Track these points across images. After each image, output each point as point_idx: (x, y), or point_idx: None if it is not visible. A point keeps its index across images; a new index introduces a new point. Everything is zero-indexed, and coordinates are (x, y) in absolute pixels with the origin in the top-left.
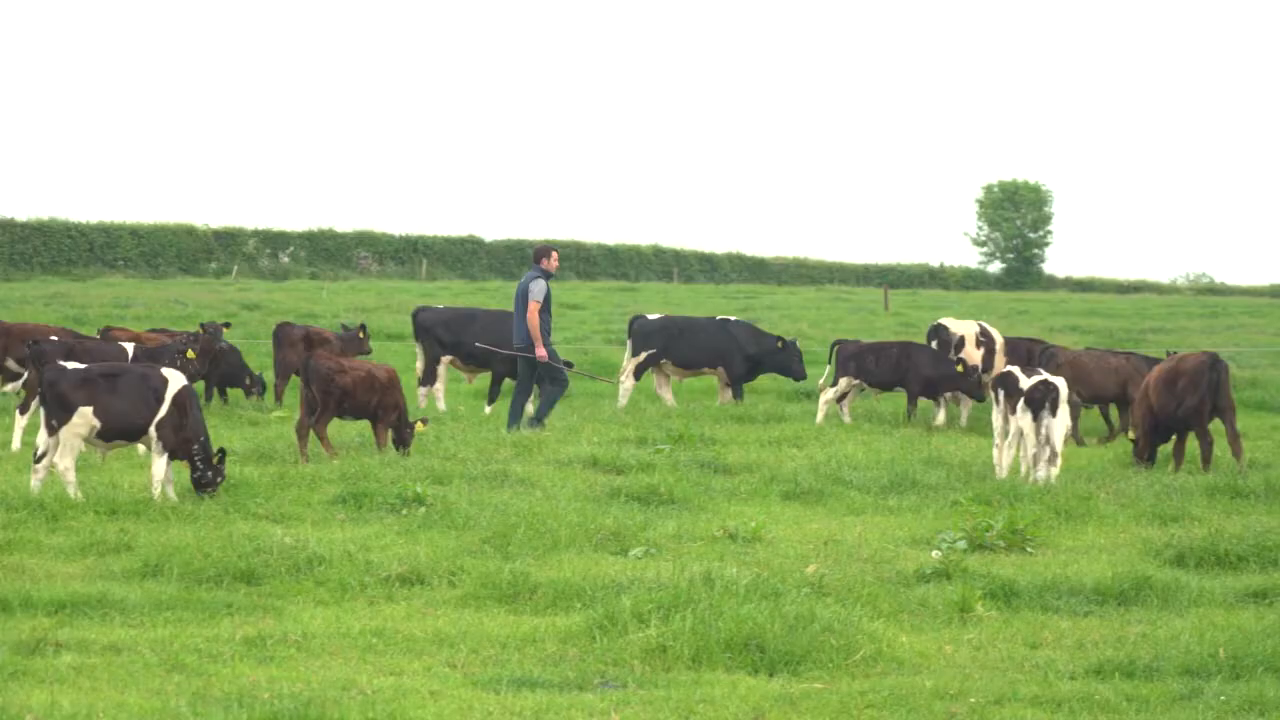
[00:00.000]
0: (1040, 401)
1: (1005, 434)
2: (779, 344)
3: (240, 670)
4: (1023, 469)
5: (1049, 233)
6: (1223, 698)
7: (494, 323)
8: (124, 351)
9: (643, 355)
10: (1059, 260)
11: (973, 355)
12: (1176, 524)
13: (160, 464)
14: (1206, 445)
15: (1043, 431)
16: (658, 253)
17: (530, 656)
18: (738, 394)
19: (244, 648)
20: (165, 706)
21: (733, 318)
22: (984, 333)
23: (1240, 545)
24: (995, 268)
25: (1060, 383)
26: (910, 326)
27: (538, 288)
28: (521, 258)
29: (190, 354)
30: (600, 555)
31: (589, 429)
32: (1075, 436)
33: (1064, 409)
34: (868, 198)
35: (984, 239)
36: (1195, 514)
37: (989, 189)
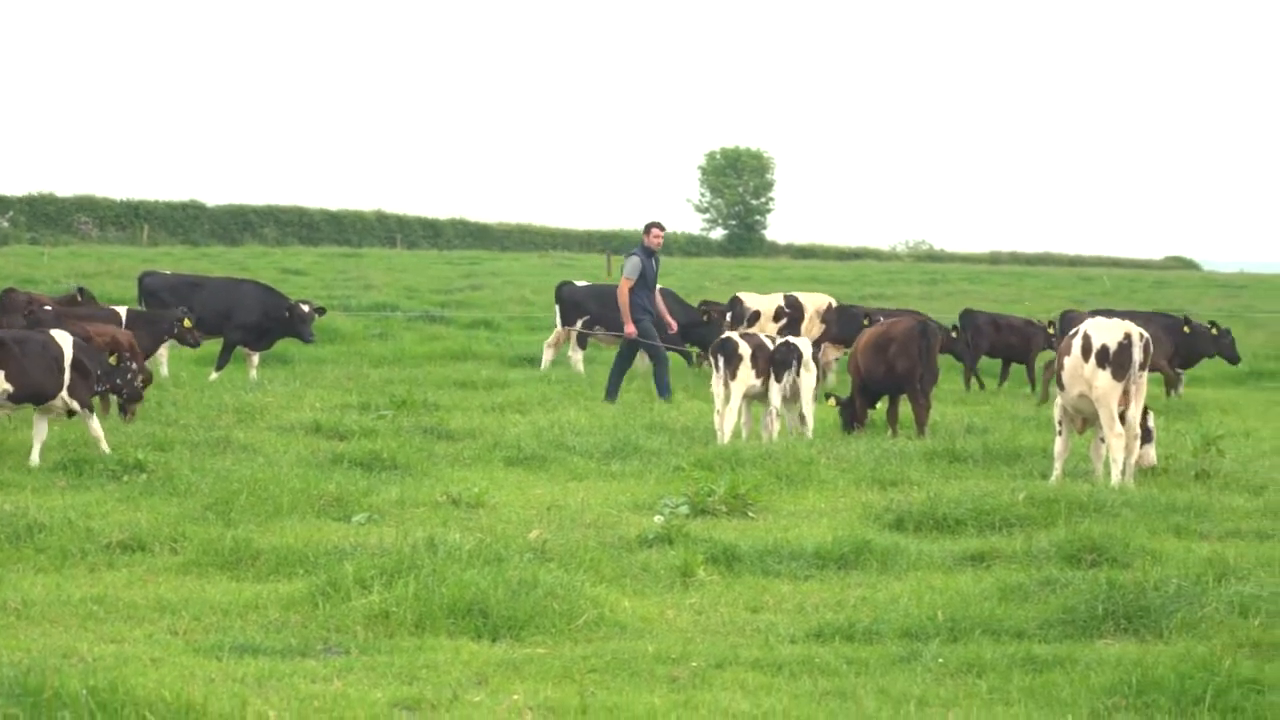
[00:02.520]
0: (784, 363)
1: (726, 400)
2: (704, 317)
3: None
4: (764, 434)
5: (771, 200)
6: (941, 660)
7: (220, 290)
8: (118, 316)
9: (579, 323)
10: (781, 227)
11: (768, 329)
12: (896, 488)
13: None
14: (922, 410)
15: (789, 392)
16: (381, 218)
17: (253, 623)
18: None
19: None
20: None
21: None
22: (790, 303)
23: (958, 509)
24: (718, 234)
25: (805, 344)
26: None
27: (630, 265)
28: (244, 223)
29: (187, 322)
30: (323, 521)
31: (311, 395)
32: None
33: (811, 370)
34: (591, 164)
35: (706, 206)
36: (914, 478)
37: (711, 156)
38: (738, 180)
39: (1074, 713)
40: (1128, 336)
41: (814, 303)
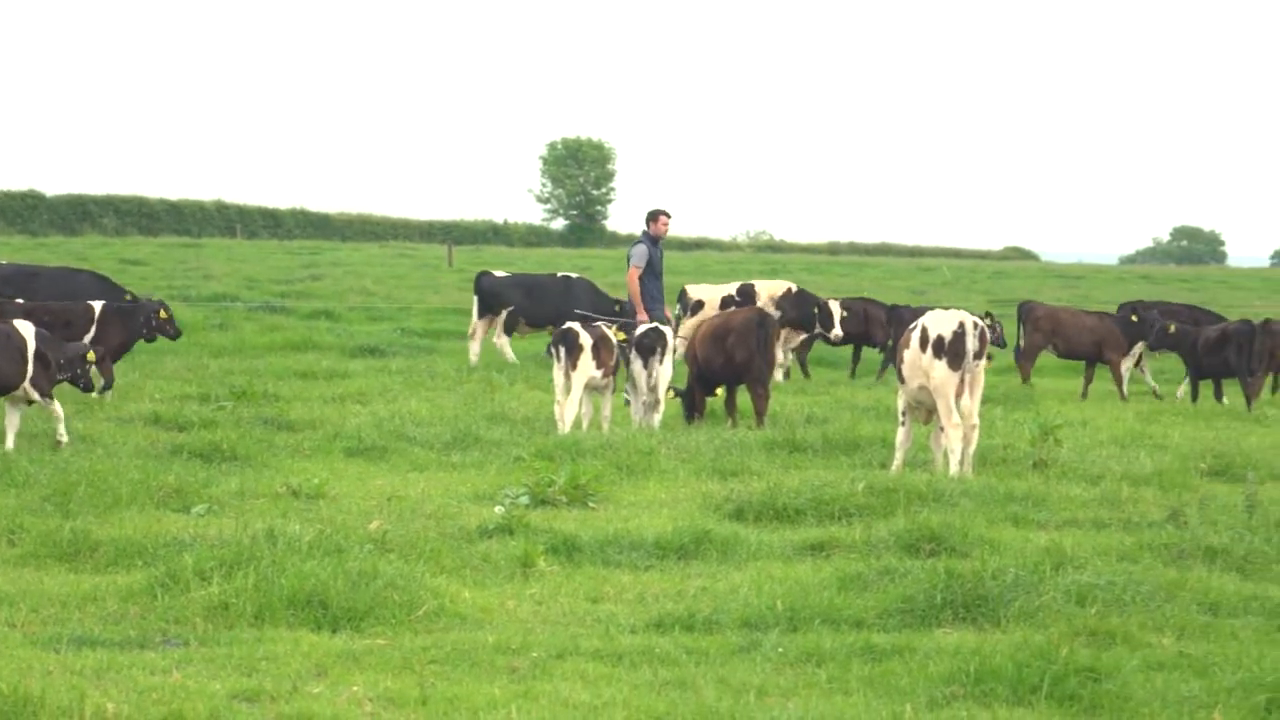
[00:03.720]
0: (650, 349)
1: (567, 390)
2: (616, 306)
3: None
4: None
5: (612, 190)
6: (780, 649)
7: (58, 279)
8: (91, 311)
9: (503, 313)
10: (622, 217)
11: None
12: (736, 478)
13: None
14: (760, 400)
15: (652, 379)
16: (220, 208)
17: (91, 615)
18: None
19: None
20: None
21: (574, 275)
22: (742, 291)
23: (798, 499)
24: (559, 224)
25: (668, 332)
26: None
27: (637, 253)
28: (83, 213)
29: (163, 314)
30: (162, 513)
31: (151, 385)
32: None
33: (669, 358)
34: (432, 154)
35: (548, 196)
36: (754, 468)
37: (553, 146)
38: (579, 171)
39: (912, 701)
40: (962, 326)
41: (769, 289)
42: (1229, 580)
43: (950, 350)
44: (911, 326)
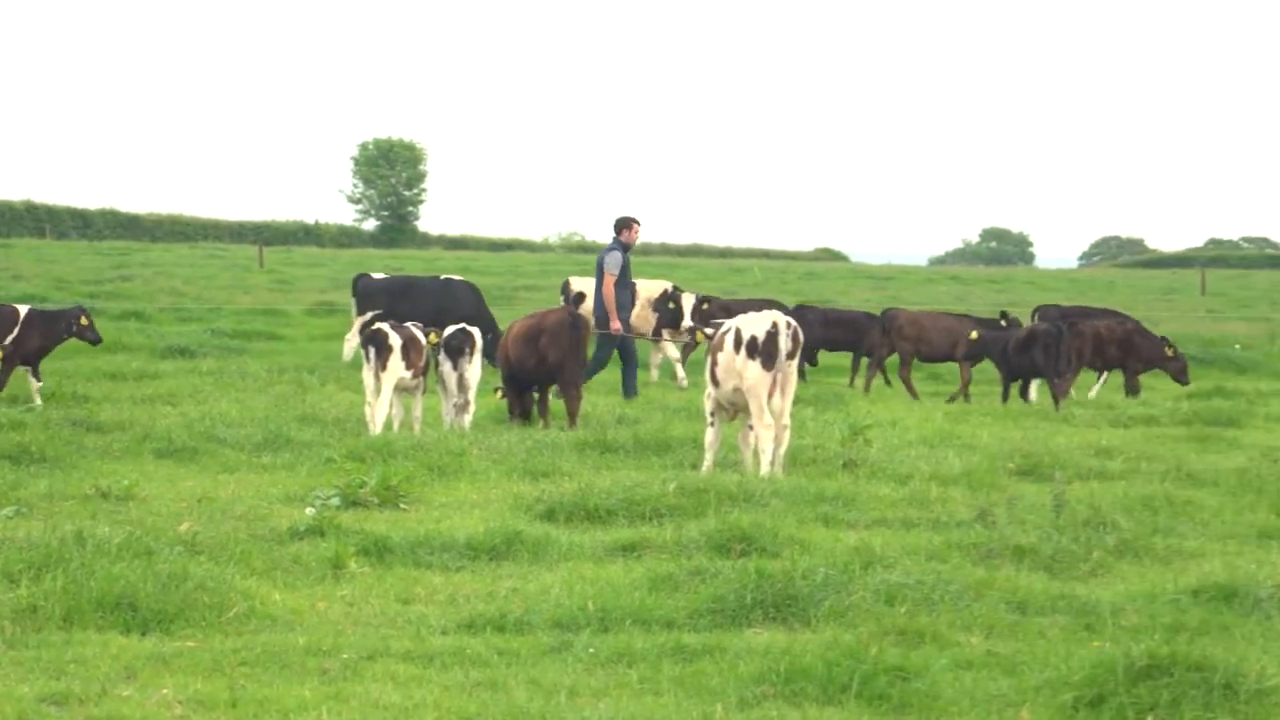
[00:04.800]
0: (458, 350)
1: (377, 391)
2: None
3: None
4: (447, 420)
5: (424, 191)
6: (591, 650)
7: None
8: (16, 314)
9: (369, 314)
10: (434, 218)
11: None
12: (547, 479)
13: None
14: (573, 401)
15: (464, 379)
16: (30, 208)
17: None
18: None
19: None
20: None
21: (456, 277)
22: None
23: (609, 500)
24: (371, 225)
25: (477, 332)
26: (285, 284)
27: (613, 261)
28: None
29: (84, 320)
30: None
31: None
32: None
33: (478, 358)
34: (243, 154)
35: (359, 196)
36: (566, 469)
37: (364, 147)
38: (390, 171)
39: (723, 701)
40: (775, 326)
41: (646, 289)
42: (1037, 579)
43: (764, 351)
44: (724, 329)
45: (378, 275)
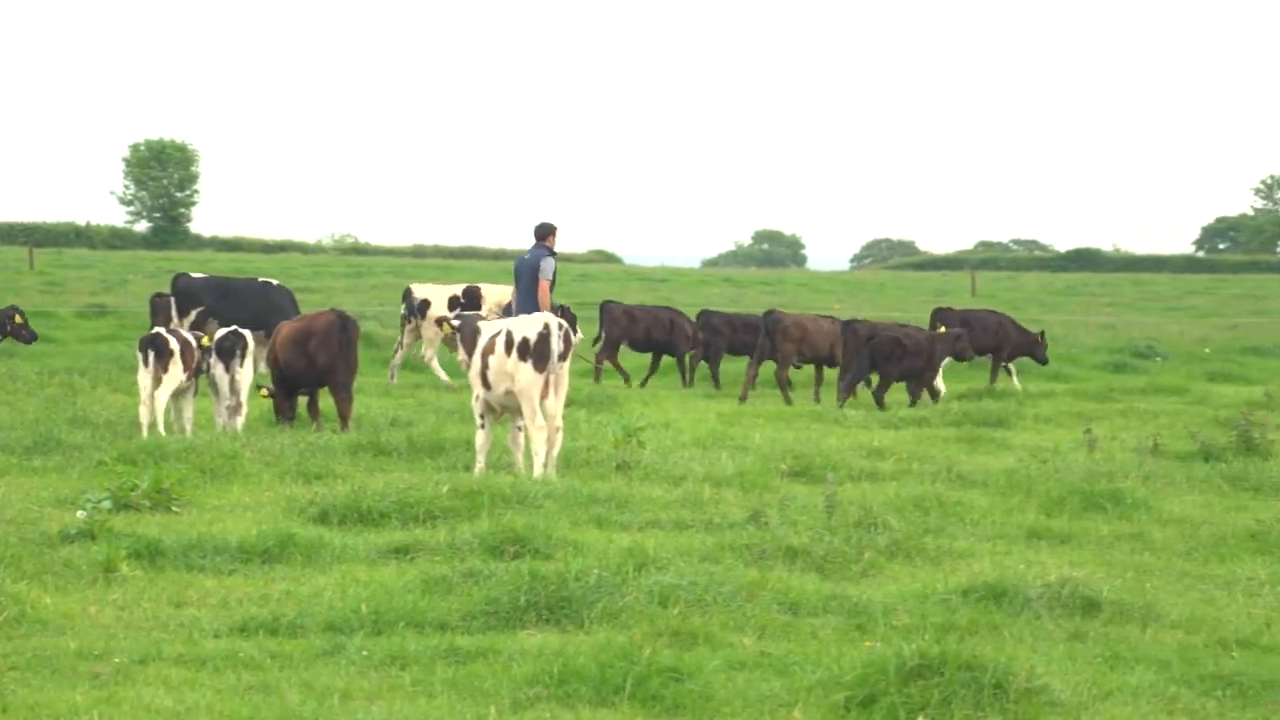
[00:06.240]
0: (230, 352)
1: (154, 394)
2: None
3: None
4: (218, 422)
5: (196, 192)
6: (365, 652)
7: None
8: None
9: (192, 314)
10: (206, 220)
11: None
12: (321, 482)
13: None
14: (344, 403)
15: (235, 381)
16: None
17: None
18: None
19: None
20: None
21: (273, 281)
22: (467, 293)
23: (383, 502)
24: (142, 226)
25: (249, 334)
26: (56, 286)
27: (549, 266)
28: None
29: (18, 319)
30: None
31: None
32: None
33: (250, 360)
34: (11, 154)
35: (131, 198)
36: (339, 472)
37: (135, 148)
38: (162, 173)
39: (496, 703)
40: (547, 328)
41: (494, 294)
42: (809, 580)
43: (536, 352)
44: (495, 332)
45: (197, 275)
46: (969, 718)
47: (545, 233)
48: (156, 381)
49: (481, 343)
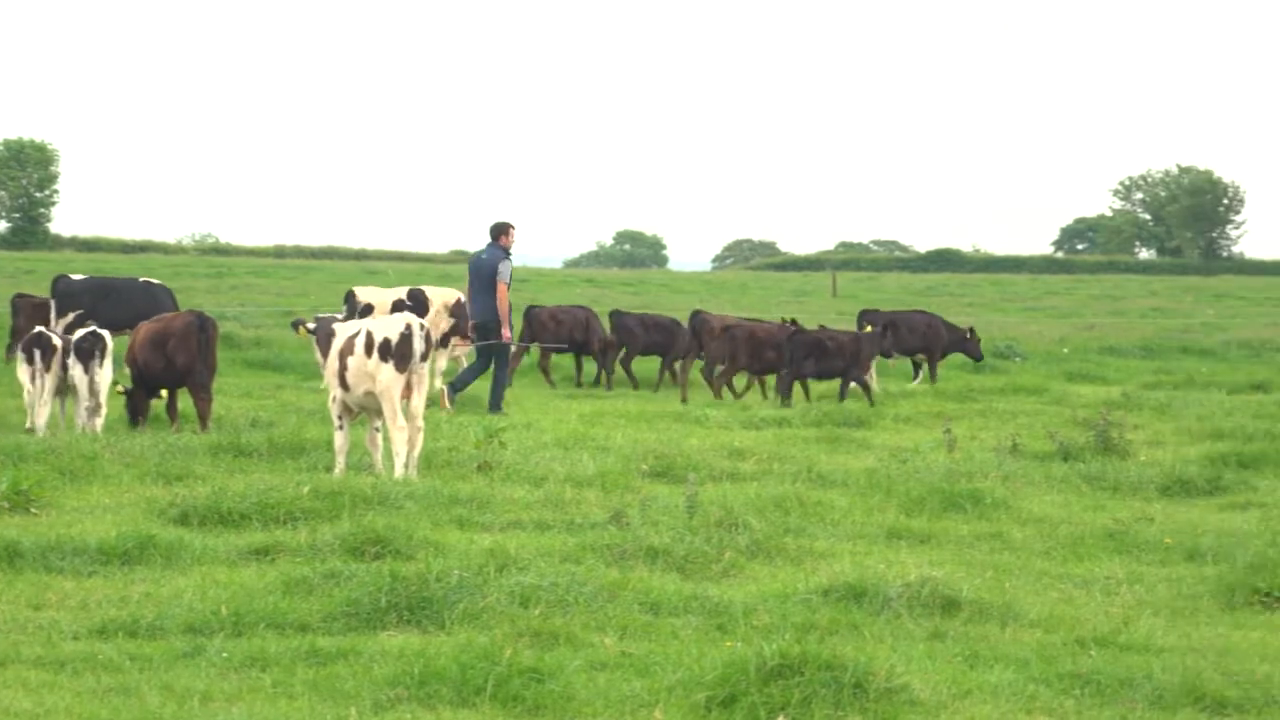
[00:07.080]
0: (89, 353)
1: (40, 393)
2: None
3: None
4: (80, 421)
5: (56, 192)
6: (225, 654)
7: None
8: None
9: (70, 315)
10: (65, 220)
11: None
12: (180, 483)
13: None
14: (204, 404)
15: (94, 382)
16: None
17: None
18: None
19: None
20: None
21: (155, 280)
22: (413, 296)
23: (243, 503)
24: (1, 227)
25: (107, 335)
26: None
27: (506, 269)
28: None
29: None
30: None
31: None
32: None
33: (109, 361)
34: None
35: None
36: (199, 473)
37: None
38: (21, 173)
39: (357, 704)
40: (409, 328)
41: (441, 297)
42: (670, 580)
43: (397, 353)
44: (352, 333)
45: (77, 276)
46: (829, 717)
47: (500, 231)
48: (41, 380)
49: (339, 344)
